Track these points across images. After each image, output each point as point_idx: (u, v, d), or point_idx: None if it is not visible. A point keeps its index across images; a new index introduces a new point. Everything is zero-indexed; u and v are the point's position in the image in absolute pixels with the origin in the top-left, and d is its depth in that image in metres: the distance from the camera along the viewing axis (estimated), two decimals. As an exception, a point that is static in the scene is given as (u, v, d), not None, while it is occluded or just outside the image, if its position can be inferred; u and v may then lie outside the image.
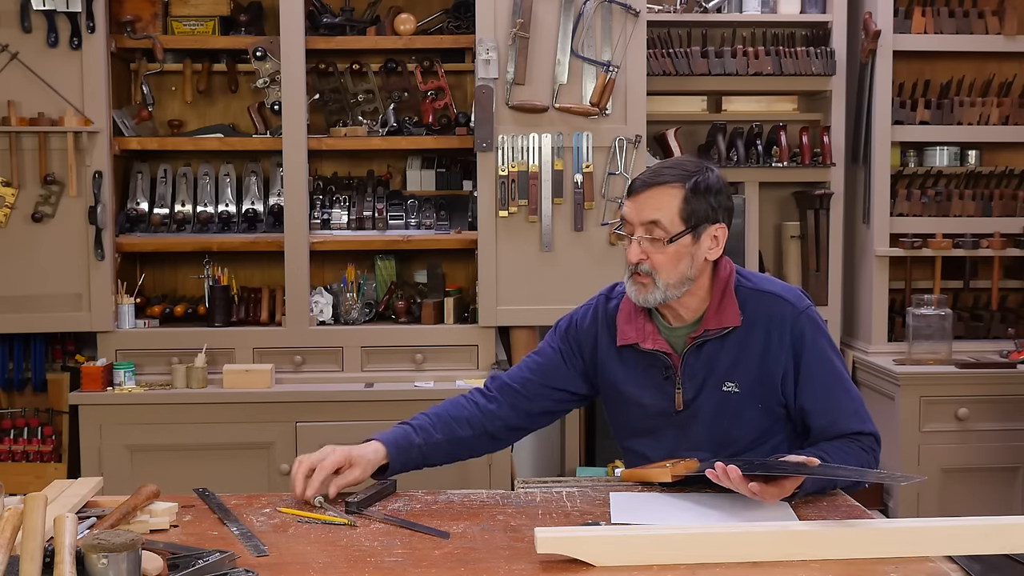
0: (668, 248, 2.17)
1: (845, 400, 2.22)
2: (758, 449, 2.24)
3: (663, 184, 2.18)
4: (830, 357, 2.23)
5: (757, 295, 2.24)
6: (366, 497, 2.08)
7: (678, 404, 2.25)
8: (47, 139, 3.78)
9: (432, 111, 4.13)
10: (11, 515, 1.62)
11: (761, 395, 2.22)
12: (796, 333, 2.21)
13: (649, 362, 2.27)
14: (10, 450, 3.96)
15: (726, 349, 2.22)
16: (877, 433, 2.23)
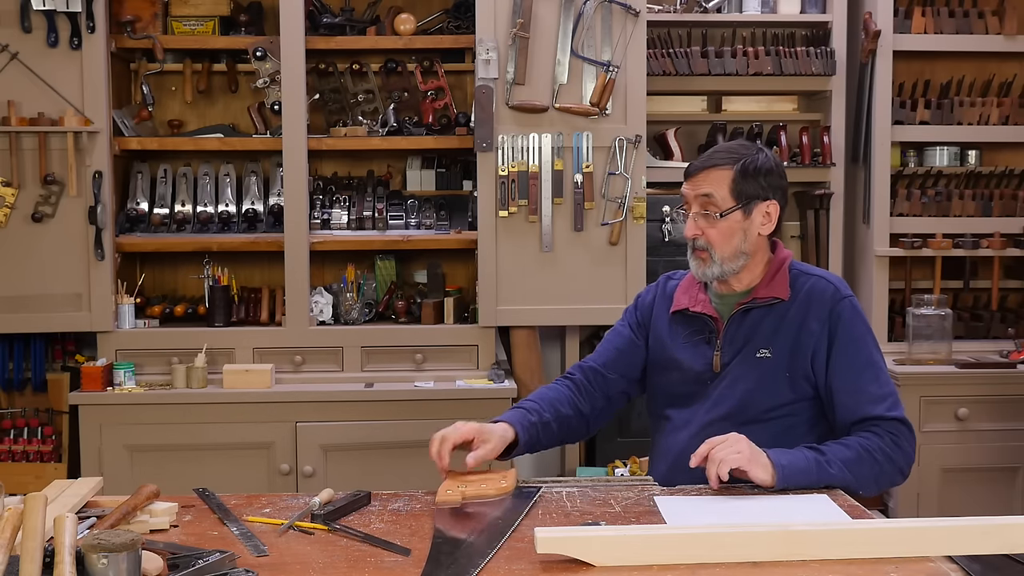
0: (721, 223, 2.31)
1: (873, 385, 2.28)
2: (776, 421, 2.31)
3: (715, 166, 2.33)
4: (866, 343, 2.31)
5: (807, 276, 2.37)
6: (336, 508, 2.06)
7: (715, 367, 2.35)
8: (47, 139, 3.78)
9: (432, 111, 4.13)
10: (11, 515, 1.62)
11: (790, 366, 2.31)
12: (835, 314, 2.31)
13: (696, 326, 2.40)
14: (10, 450, 3.96)
15: (769, 319, 2.33)
16: (903, 418, 2.26)
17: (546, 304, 3.91)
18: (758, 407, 2.32)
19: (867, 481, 2.23)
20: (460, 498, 2.11)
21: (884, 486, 2.28)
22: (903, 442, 2.26)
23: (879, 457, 2.22)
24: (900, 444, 2.25)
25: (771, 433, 2.29)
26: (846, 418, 2.28)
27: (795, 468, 2.15)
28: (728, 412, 2.33)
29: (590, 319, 4.03)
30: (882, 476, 2.24)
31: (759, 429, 2.27)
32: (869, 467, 2.22)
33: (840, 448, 2.22)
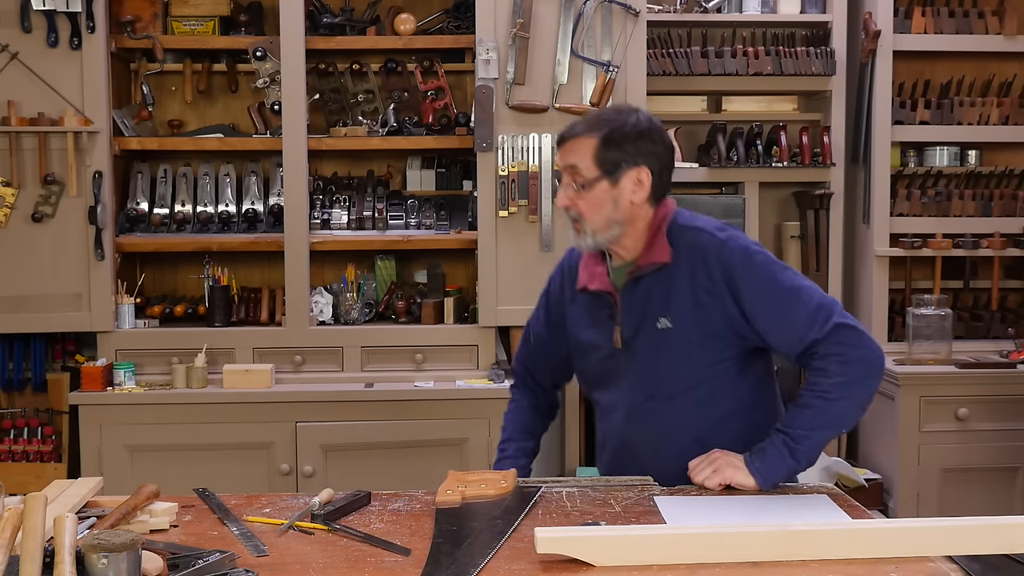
0: (588, 194, 2.23)
1: (798, 311, 2.18)
2: (697, 389, 2.26)
3: (579, 135, 2.25)
4: (768, 275, 2.21)
5: (683, 231, 2.27)
6: (337, 508, 2.06)
7: (616, 342, 2.29)
8: (47, 139, 3.78)
9: (432, 111, 4.13)
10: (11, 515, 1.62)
11: (697, 331, 2.23)
12: (724, 264, 2.21)
13: (598, 303, 2.34)
14: (10, 450, 3.96)
15: (659, 285, 2.25)
16: (841, 323, 2.17)
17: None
18: (675, 379, 2.26)
19: (843, 419, 2.21)
20: (460, 498, 2.12)
21: (865, 403, 2.21)
22: (851, 350, 2.16)
23: (838, 391, 2.16)
24: (848, 354, 2.16)
25: (696, 401, 2.26)
26: (792, 353, 2.22)
27: (770, 464, 2.16)
28: (649, 391, 2.28)
29: (590, 319, 4.03)
30: (853, 402, 2.18)
31: (682, 401, 2.26)
32: (836, 408, 2.17)
33: (799, 412, 2.19)
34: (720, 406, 2.27)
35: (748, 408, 2.30)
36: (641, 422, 2.30)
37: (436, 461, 3.66)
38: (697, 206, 4.20)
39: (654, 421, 2.29)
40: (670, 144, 2.31)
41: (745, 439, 2.23)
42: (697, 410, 2.26)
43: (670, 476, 2.23)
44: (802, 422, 2.18)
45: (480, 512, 2.06)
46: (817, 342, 2.17)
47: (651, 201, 2.26)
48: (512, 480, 2.21)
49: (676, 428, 2.27)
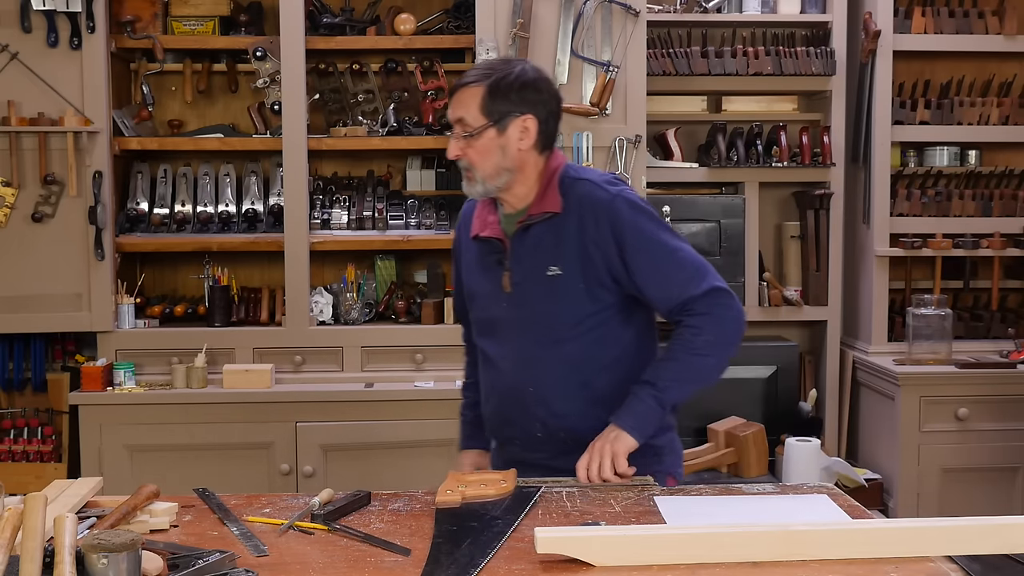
0: (476, 142, 2.28)
1: (677, 269, 2.27)
2: (584, 335, 2.31)
3: (466, 85, 2.33)
4: (653, 232, 2.29)
5: (574, 182, 2.32)
6: (336, 508, 2.06)
7: (505, 286, 2.34)
8: (47, 139, 3.78)
9: (432, 111, 4.12)
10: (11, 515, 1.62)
11: (584, 278, 2.29)
12: (612, 216, 2.27)
13: (488, 250, 2.38)
14: (10, 450, 3.96)
15: (549, 234, 2.30)
16: (715, 287, 2.26)
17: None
18: (563, 325, 2.31)
19: (708, 376, 2.30)
20: (460, 498, 2.12)
21: (726, 364, 2.31)
22: (726, 311, 2.26)
23: (709, 349, 2.26)
24: (721, 315, 2.26)
25: (582, 346, 2.31)
26: (667, 309, 2.30)
27: (641, 418, 2.24)
28: (536, 336, 2.32)
29: (590, 319, 4.03)
30: (719, 361, 2.29)
31: (570, 347, 2.30)
32: (704, 365, 2.27)
33: (666, 365, 2.28)
34: (606, 352, 2.32)
35: (631, 355, 2.36)
36: (529, 368, 2.34)
37: (436, 461, 3.66)
38: (697, 206, 4.21)
39: (541, 366, 2.33)
40: (556, 94, 2.36)
41: (627, 385, 2.29)
42: (584, 355, 2.31)
43: (556, 421, 2.32)
44: (669, 374, 2.27)
45: (480, 512, 2.06)
46: (693, 299, 2.25)
47: (538, 148, 2.31)
48: (512, 480, 2.21)
49: (563, 373, 2.32)
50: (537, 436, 2.35)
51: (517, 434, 2.39)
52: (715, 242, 4.20)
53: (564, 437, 2.33)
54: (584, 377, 2.32)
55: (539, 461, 2.34)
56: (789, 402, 4.22)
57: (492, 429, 2.48)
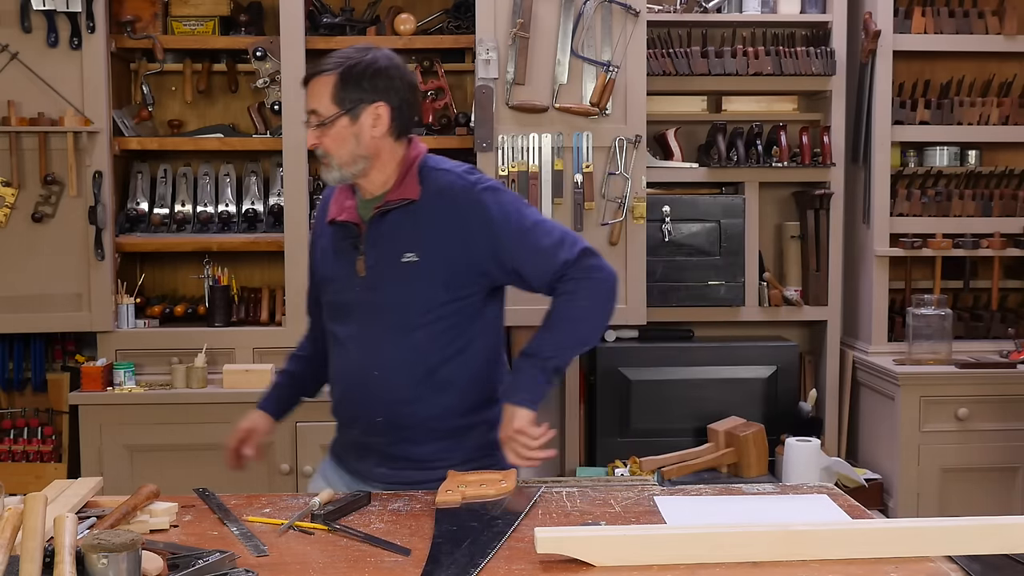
0: (330, 131, 2.30)
1: (545, 238, 2.33)
2: (437, 322, 2.34)
3: (319, 74, 2.32)
4: (517, 211, 2.34)
5: (433, 172, 2.37)
6: (337, 508, 2.06)
7: (360, 270, 2.36)
8: (47, 139, 3.78)
9: (432, 111, 4.13)
10: (11, 515, 1.63)
11: (441, 267, 2.32)
12: (477, 206, 2.32)
13: (344, 234, 2.41)
14: (10, 450, 3.96)
15: (406, 221, 2.34)
16: (583, 249, 2.33)
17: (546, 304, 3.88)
18: (415, 311, 2.34)
19: (587, 340, 2.38)
20: (460, 498, 2.12)
21: (605, 326, 2.40)
22: (597, 273, 2.33)
23: (584, 314, 2.33)
24: (595, 277, 2.33)
25: (431, 335, 2.34)
26: (544, 281, 2.35)
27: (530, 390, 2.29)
28: (386, 321, 2.35)
29: (590, 319, 4.03)
30: (597, 324, 2.37)
31: (419, 334, 2.33)
32: (582, 329, 2.34)
33: (546, 335, 2.33)
34: (454, 342, 2.36)
35: (478, 347, 2.40)
36: (376, 352, 2.36)
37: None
38: (697, 206, 4.21)
39: (388, 351, 2.35)
40: (410, 81, 2.37)
41: (469, 375, 2.37)
42: (432, 344, 2.34)
43: (397, 407, 2.35)
44: (550, 343, 2.32)
45: (480, 512, 2.06)
46: (568, 264, 2.31)
47: (393, 135, 2.34)
48: (512, 480, 2.21)
49: (409, 360, 2.34)
50: (377, 421, 2.38)
51: (359, 417, 2.42)
52: (715, 242, 4.20)
53: (404, 424, 2.36)
54: (430, 365, 2.34)
55: (378, 447, 2.39)
56: (789, 402, 4.22)
57: (336, 411, 2.51)
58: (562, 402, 4.30)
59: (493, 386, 2.42)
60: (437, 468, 2.30)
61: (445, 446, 2.36)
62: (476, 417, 2.39)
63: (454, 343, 2.36)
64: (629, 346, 4.21)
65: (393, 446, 2.37)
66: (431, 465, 2.33)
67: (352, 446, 2.46)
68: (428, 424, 2.35)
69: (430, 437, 2.35)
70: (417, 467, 2.35)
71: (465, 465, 2.31)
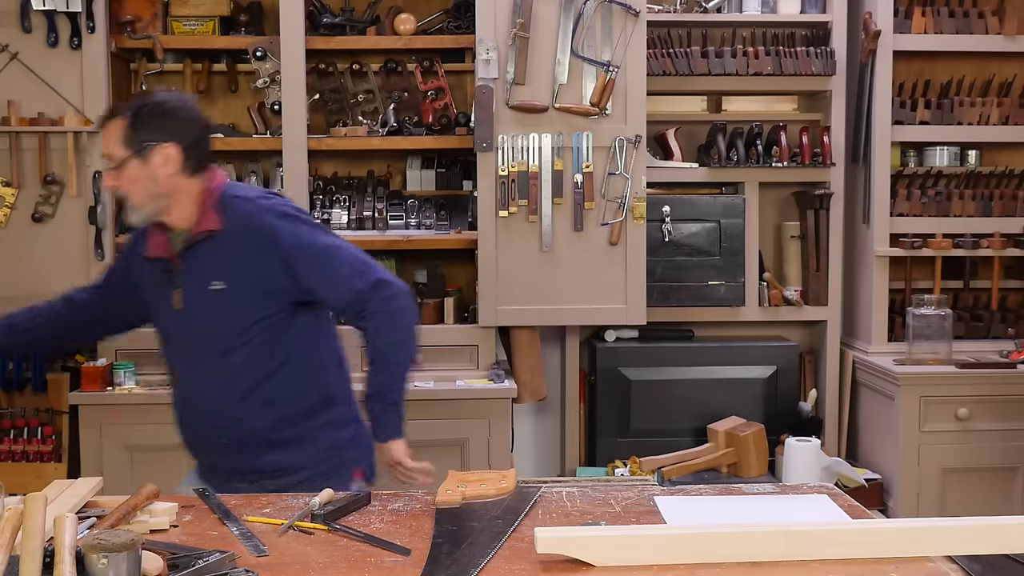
0: (124, 174, 2.37)
1: (341, 265, 2.44)
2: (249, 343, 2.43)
3: (111, 119, 2.39)
4: (310, 236, 2.44)
5: (232, 200, 2.45)
6: (337, 508, 2.06)
7: (176, 303, 2.46)
8: (47, 139, 3.78)
9: (432, 111, 4.13)
10: (11, 515, 1.62)
11: (248, 290, 2.42)
12: (271, 230, 2.41)
13: (161, 268, 2.49)
14: (10, 450, 3.95)
15: (211, 251, 2.42)
16: (382, 277, 2.46)
17: (546, 304, 3.91)
18: (228, 335, 2.43)
19: (410, 363, 2.55)
20: (460, 498, 2.12)
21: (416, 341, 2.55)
22: (392, 301, 2.46)
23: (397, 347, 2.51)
24: (392, 309, 2.46)
25: (249, 353, 2.43)
26: (340, 307, 2.49)
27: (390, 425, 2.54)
28: (205, 348, 2.46)
29: (590, 319, 4.04)
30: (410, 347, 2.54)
31: (237, 355, 2.43)
32: (403, 360, 2.53)
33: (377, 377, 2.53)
34: (273, 357, 2.45)
35: (296, 358, 2.49)
36: (203, 379, 2.48)
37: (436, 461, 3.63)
38: (697, 206, 4.21)
39: (214, 377, 2.46)
40: (199, 119, 2.46)
41: (294, 385, 2.48)
42: (250, 363, 2.44)
43: (235, 425, 2.46)
44: (386, 383, 2.53)
45: (480, 512, 2.06)
46: (363, 294, 2.43)
47: (187, 173, 2.40)
48: (512, 480, 2.21)
49: (234, 381, 2.45)
50: (222, 443, 2.49)
51: (206, 443, 2.54)
52: (715, 242, 4.20)
53: (245, 440, 2.46)
54: (252, 382, 2.44)
55: (230, 466, 2.49)
56: (789, 402, 4.23)
57: (185, 439, 2.62)
58: (562, 402, 4.31)
59: (327, 389, 2.55)
60: (284, 477, 2.45)
61: (284, 456, 2.47)
62: (316, 420, 2.51)
63: (272, 358, 2.45)
64: (629, 346, 4.21)
65: (239, 463, 2.48)
66: (278, 475, 2.46)
67: (205, 470, 2.57)
68: (267, 437, 2.46)
69: (274, 448, 2.47)
70: (266, 478, 2.45)
71: (319, 466, 2.47)
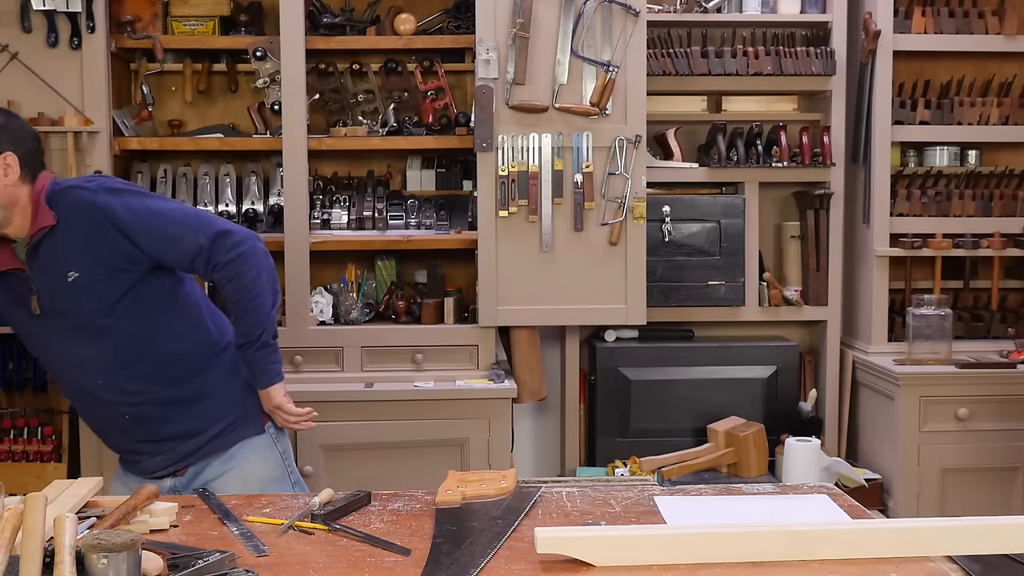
0: None
1: (175, 225, 2.51)
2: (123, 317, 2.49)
3: None
4: (142, 204, 2.51)
5: (61, 193, 2.50)
6: (336, 508, 2.06)
7: (34, 309, 2.50)
8: (47, 139, 3.77)
9: (432, 111, 4.13)
10: (11, 515, 1.63)
11: (101, 271, 2.47)
12: (103, 207, 2.47)
13: (15, 281, 2.53)
14: (10, 450, 3.95)
15: (56, 245, 2.47)
16: (221, 228, 2.52)
17: (546, 304, 3.91)
18: (99, 317, 2.48)
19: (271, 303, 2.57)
20: (460, 498, 2.12)
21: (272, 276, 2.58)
22: (236, 248, 2.51)
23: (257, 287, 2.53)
24: (237, 252, 2.51)
25: (124, 327, 2.49)
26: (185, 263, 2.53)
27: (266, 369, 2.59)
28: (80, 337, 2.49)
29: (590, 319, 4.04)
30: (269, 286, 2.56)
31: (114, 333, 2.49)
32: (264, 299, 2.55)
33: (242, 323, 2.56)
34: (147, 323, 2.52)
35: (175, 316, 2.57)
36: (88, 366, 2.52)
37: (436, 461, 3.66)
38: (697, 206, 4.21)
39: (98, 360, 2.51)
40: (29, 130, 2.53)
41: (184, 342, 2.56)
42: (130, 334, 2.50)
43: (133, 398, 2.53)
44: (253, 327, 2.55)
45: (480, 512, 2.06)
46: (204, 249, 2.48)
47: (27, 180, 2.47)
48: (512, 480, 2.21)
49: (119, 356, 2.51)
50: (127, 419, 2.56)
51: (112, 425, 2.60)
52: (715, 242, 4.20)
53: (149, 412, 2.55)
54: (140, 351, 2.51)
55: (141, 438, 2.57)
56: (789, 402, 4.23)
57: (96, 431, 2.71)
58: (562, 402, 4.31)
59: (209, 339, 2.61)
60: (198, 434, 2.56)
61: (193, 412, 2.56)
62: (210, 374, 2.59)
63: (148, 324, 2.52)
64: (629, 346, 4.21)
65: (150, 434, 2.56)
66: (191, 434, 2.56)
67: (121, 450, 2.65)
68: (166, 401, 2.55)
69: (176, 411, 2.55)
70: (181, 441, 2.56)
71: (227, 418, 2.58)
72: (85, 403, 2.65)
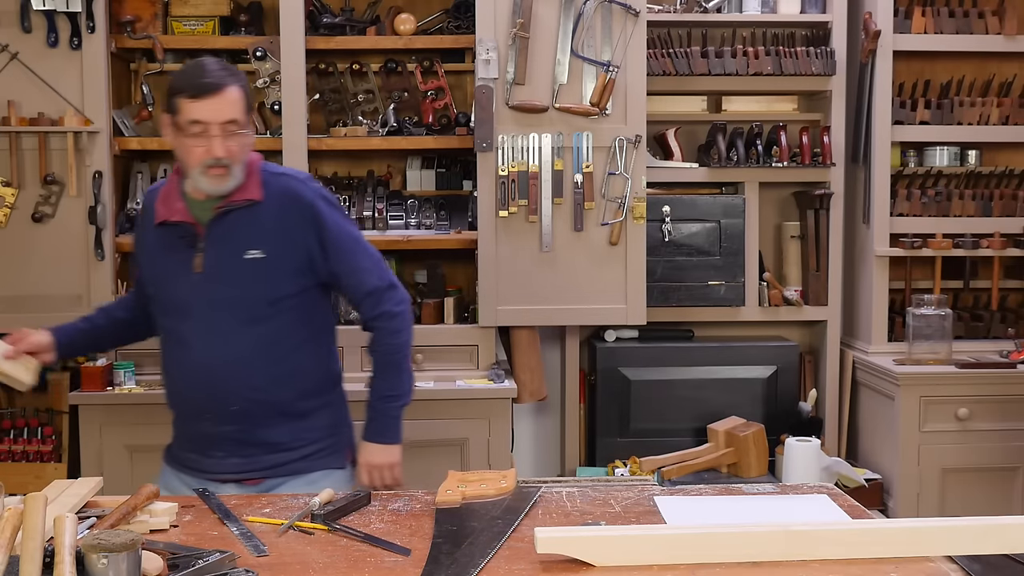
0: (244, 140, 2.45)
1: (364, 258, 2.57)
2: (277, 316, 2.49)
3: (228, 87, 2.42)
4: (346, 227, 2.56)
5: (277, 176, 2.54)
6: (336, 508, 2.06)
7: (197, 267, 2.47)
8: (47, 139, 3.78)
9: (432, 111, 4.13)
10: (11, 515, 1.63)
11: (286, 263, 2.48)
12: (314, 211, 2.50)
13: (178, 234, 2.51)
14: (10, 450, 3.95)
15: (249, 220, 2.47)
16: (394, 281, 2.60)
17: (546, 304, 3.91)
18: (260, 304, 2.47)
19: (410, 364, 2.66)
20: (460, 498, 2.12)
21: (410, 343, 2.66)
22: (403, 304, 2.59)
23: (405, 348, 2.62)
24: (402, 309, 2.59)
25: (279, 324, 2.49)
26: (358, 296, 2.58)
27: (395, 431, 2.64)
28: (232, 314, 2.47)
29: (590, 319, 4.04)
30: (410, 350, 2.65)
31: (267, 324, 2.47)
32: (407, 360, 2.64)
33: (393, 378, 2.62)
34: (301, 329, 2.53)
35: (321, 334, 2.61)
36: (223, 344, 2.47)
37: (436, 461, 3.66)
38: (697, 206, 4.21)
39: (237, 343, 2.47)
40: None
41: (317, 359, 2.58)
42: (282, 333, 2.50)
43: (252, 394, 2.48)
44: (401, 384, 2.63)
45: (480, 512, 2.06)
46: (379, 292, 2.55)
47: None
48: (512, 480, 2.21)
49: (260, 349, 2.48)
50: (232, 410, 2.48)
51: (209, 409, 2.50)
52: (715, 242, 4.20)
53: (258, 410, 2.49)
54: (281, 353, 2.50)
55: (231, 436, 2.50)
56: (789, 402, 4.23)
57: (179, 406, 2.59)
58: (562, 402, 4.31)
59: (335, 368, 2.66)
60: (289, 450, 2.50)
61: (296, 428, 2.52)
62: (321, 399, 2.58)
63: (302, 330, 2.53)
64: (629, 346, 4.21)
65: (246, 433, 2.49)
66: (284, 447, 2.50)
67: (198, 441, 2.53)
68: (280, 408, 2.50)
69: (282, 420, 2.51)
70: (270, 450, 2.50)
71: (316, 444, 2.54)
72: (193, 380, 2.51)
